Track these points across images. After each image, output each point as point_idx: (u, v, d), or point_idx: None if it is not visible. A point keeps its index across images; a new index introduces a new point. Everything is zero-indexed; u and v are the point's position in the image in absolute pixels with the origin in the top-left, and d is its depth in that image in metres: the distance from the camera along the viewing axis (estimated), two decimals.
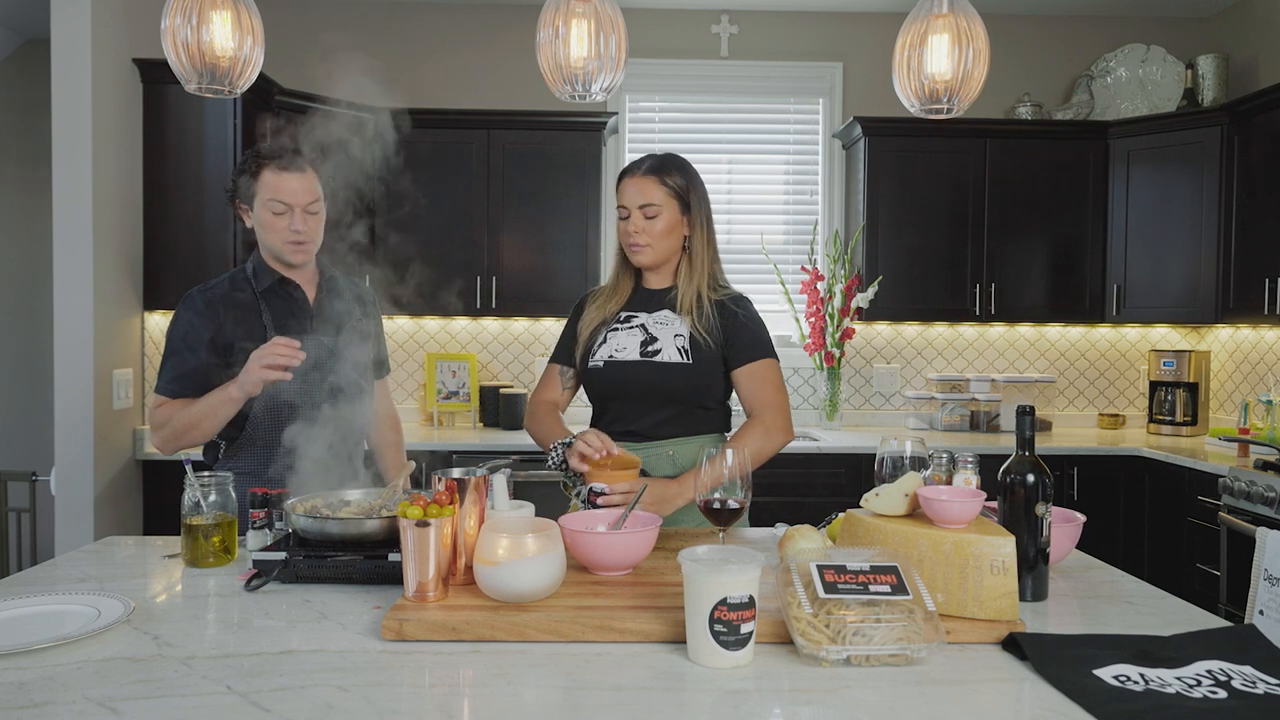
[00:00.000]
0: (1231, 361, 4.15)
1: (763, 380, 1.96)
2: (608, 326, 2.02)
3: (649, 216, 1.94)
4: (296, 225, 2.01)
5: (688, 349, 1.95)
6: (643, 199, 1.94)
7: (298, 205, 2.00)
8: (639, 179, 1.96)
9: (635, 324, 2.00)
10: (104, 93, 3.25)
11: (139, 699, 1.10)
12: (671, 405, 1.96)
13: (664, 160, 2.00)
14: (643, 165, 1.99)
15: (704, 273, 2.00)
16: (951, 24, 1.82)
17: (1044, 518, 1.49)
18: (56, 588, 1.55)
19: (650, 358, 1.95)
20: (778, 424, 1.94)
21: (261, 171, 2.00)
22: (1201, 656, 1.22)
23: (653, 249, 1.97)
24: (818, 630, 1.21)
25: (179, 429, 1.96)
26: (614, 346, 1.99)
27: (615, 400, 2.00)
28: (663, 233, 1.96)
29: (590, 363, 2.00)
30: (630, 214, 1.96)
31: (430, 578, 1.38)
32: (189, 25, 1.69)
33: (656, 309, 2.01)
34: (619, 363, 1.96)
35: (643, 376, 1.94)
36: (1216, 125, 3.79)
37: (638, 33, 3.78)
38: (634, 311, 2.03)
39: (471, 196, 3.91)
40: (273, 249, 2.04)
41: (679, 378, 1.94)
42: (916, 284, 4.03)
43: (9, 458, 4.30)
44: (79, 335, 3.21)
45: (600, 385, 2.00)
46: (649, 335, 1.97)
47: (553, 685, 1.15)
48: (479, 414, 4.13)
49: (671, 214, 1.96)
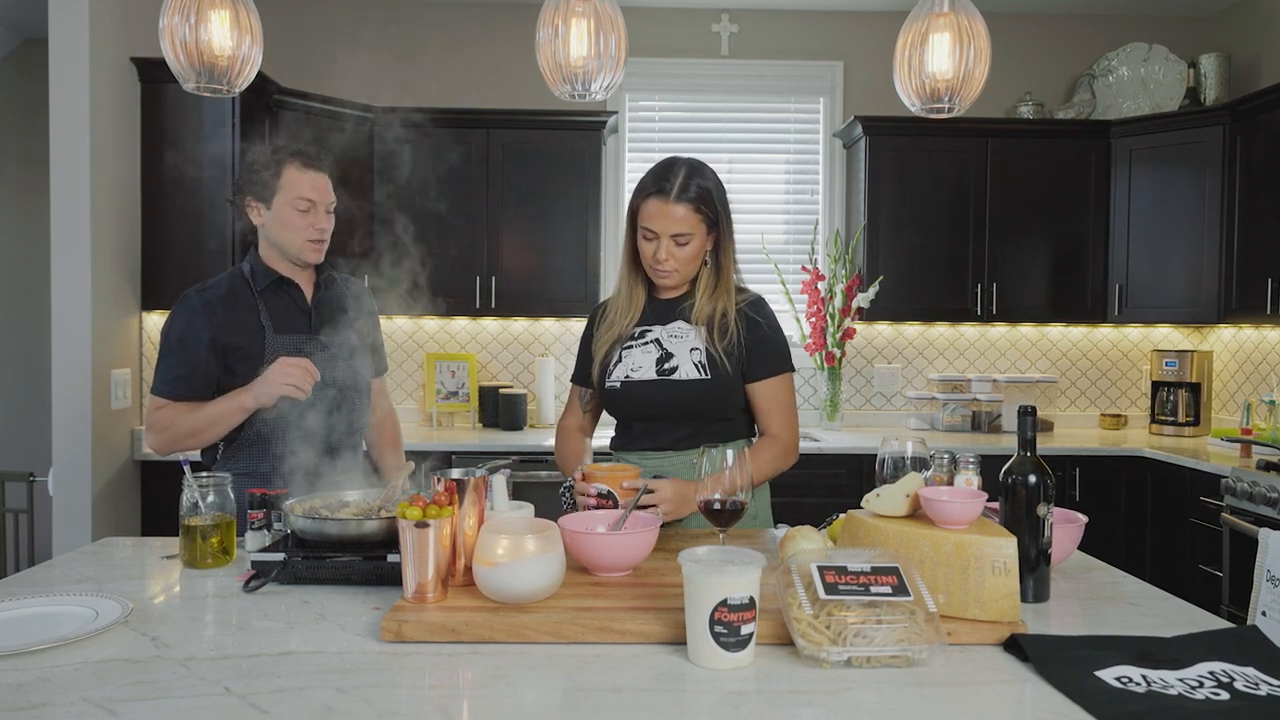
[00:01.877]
0: (1234, 362, 4.15)
1: (781, 397, 1.94)
2: (622, 344, 1.96)
3: (680, 244, 1.86)
4: (320, 223, 2.02)
5: (705, 364, 1.89)
6: (675, 228, 1.84)
7: (321, 203, 2.01)
8: (671, 206, 1.84)
9: (650, 339, 1.95)
10: (102, 92, 3.25)
11: (137, 700, 1.10)
12: (692, 421, 1.92)
13: (690, 177, 1.86)
14: (672, 189, 1.84)
15: (729, 289, 1.93)
16: (953, 23, 1.81)
17: (1045, 518, 1.48)
18: (54, 589, 1.55)
19: (667, 376, 1.90)
20: (793, 445, 1.94)
21: (284, 168, 1.99)
22: (1204, 658, 1.22)
23: (680, 274, 1.91)
24: (818, 631, 1.20)
25: (181, 434, 1.94)
26: (630, 366, 1.93)
27: (636, 420, 1.97)
28: (691, 257, 1.89)
29: (607, 383, 1.95)
30: (658, 239, 1.86)
31: (429, 579, 1.38)
32: (187, 24, 1.69)
33: (670, 320, 1.96)
34: (636, 383, 1.92)
35: (661, 395, 1.90)
36: (1218, 125, 3.78)
37: (638, 32, 3.77)
38: (648, 326, 1.97)
39: (471, 196, 3.90)
40: (289, 246, 2.03)
41: (697, 394, 1.89)
42: (917, 284, 4.03)
43: (7, 458, 4.30)
44: (77, 335, 3.21)
45: (619, 405, 1.96)
46: (664, 351, 1.92)
47: (552, 686, 1.15)
48: (478, 414, 4.12)
49: (700, 239, 1.89)
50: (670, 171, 1.88)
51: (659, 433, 1.94)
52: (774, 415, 1.93)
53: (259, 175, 2.00)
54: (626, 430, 2.00)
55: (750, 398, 1.94)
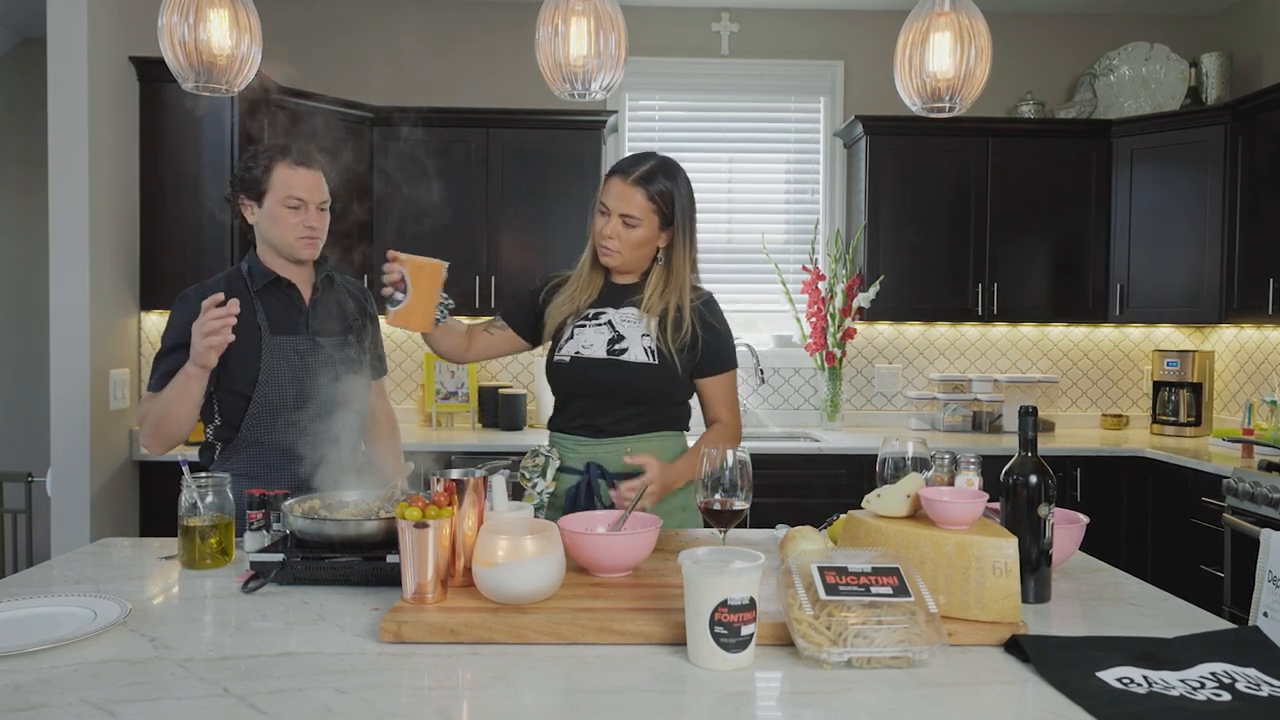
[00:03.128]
0: (1235, 362, 4.14)
1: (729, 391, 2.04)
2: (575, 321, 2.01)
3: (628, 225, 1.92)
4: (311, 221, 2.01)
5: (655, 349, 1.95)
6: (625, 207, 1.90)
7: (312, 201, 2.01)
8: (627, 186, 1.90)
9: (603, 320, 1.99)
10: (101, 91, 3.25)
11: (135, 701, 1.09)
12: (636, 404, 1.98)
13: (656, 170, 1.93)
14: (633, 172, 1.91)
15: (683, 287, 1.97)
16: (953, 22, 1.81)
17: (1046, 519, 1.48)
18: (52, 589, 1.55)
19: (617, 356, 1.95)
20: (740, 431, 2.06)
21: (275, 166, 1.99)
22: (1205, 659, 1.22)
23: (622, 255, 1.95)
24: (819, 632, 1.20)
25: (155, 420, 1.94)
26: (581, 343, 1.98)
27: (580, 397, 2.00)
28: (636, 243, 1.94)
29: (556, 357, 2.00)
30: (610, 215, 1.92)
31: (429, 579, 1.37)
32: (186, 23, 1.68)
33: (624, 305, 2.00)
34: (586, 360, 1.96)
35: (608, 375, 1.95)
36: (1220, 124, 3.77)
37: (638, 31, 3.76)
38: (602, 308, 2.01)
39: (470, 196, 3.90)
40: (282, 244, 2.03)
41: (645, 378, 1.95)
42: (918, 284, 4.02)
43: (5, 458, 4.29)
44: (75, 335, 3.20)
45: (566, 381, 2.00)
46: (616, 333, 1.97)
47: (552, 687, 1.15)
48: (478, 414, 4.12)
49: (650, 228, 1.93)
50: (642, 159, 1.95)
51: (600, 412, 1.98)
52: (723, 406, 2.03)
53: (250, 173, 2.00)
54: (567, 408, 2.03)
55: (702, 390, 2.03)
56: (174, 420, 1.93)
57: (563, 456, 2.00)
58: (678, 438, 2.05)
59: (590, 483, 1.94)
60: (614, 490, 1.79)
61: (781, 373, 4.32)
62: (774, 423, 4.30)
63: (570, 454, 2.00)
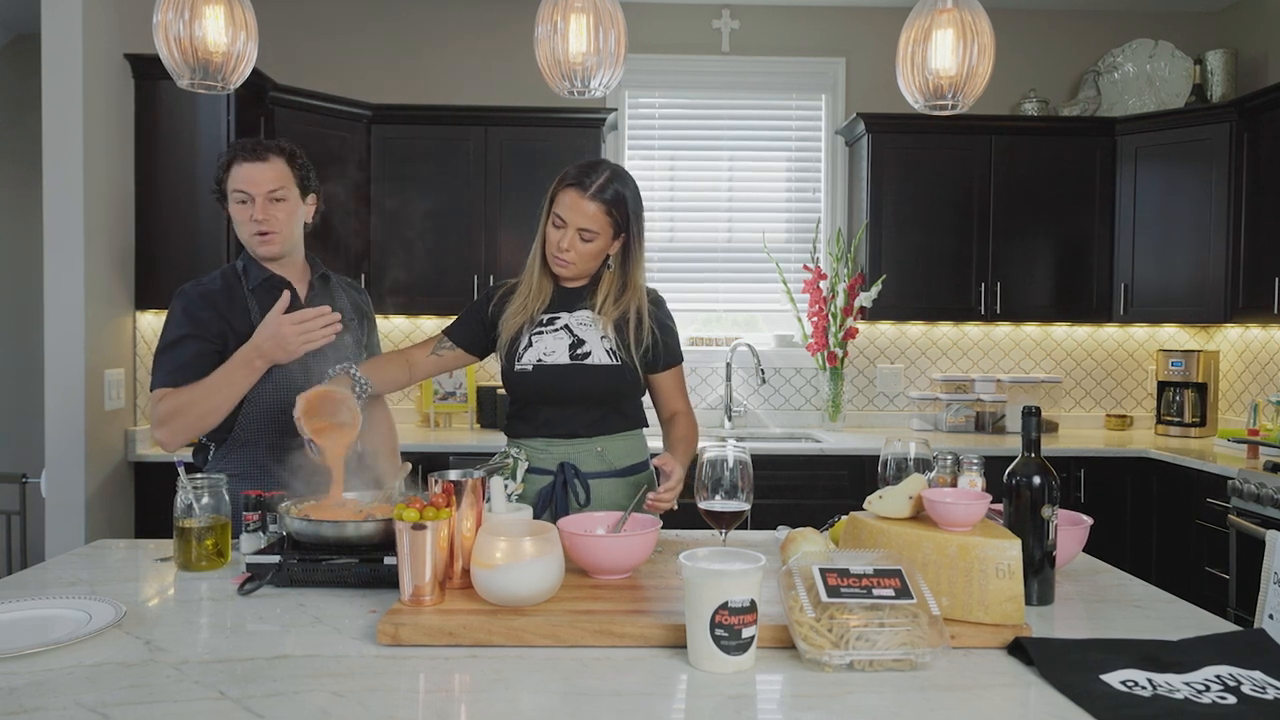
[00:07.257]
0: (1241, 361, 4.13)
1: (682, 382, 2.12)
2: (531, 329, 2.00)
3: (585, 239, 1.92)
4: (256, 214, 1.97)
5: (614, 350, 1.97)
6: (583, 221, 1.90)
7: (258, 194, 1.97)
8: (586, 202, 1.89)
9: (559, 325, 2.00)
10: (95, 88, 3.23)
11: (130, 704, 1.09)
12: (601, 406, 2.00)
13: (611, 181, 1.92)
14: (590, 185, 1.89)
15: (640, 292, 2.00)
16: (956, 19, 1.80)
17: (1050, 520, 1.47)
18: (47, 591, 1.54)
19: (581, 360, 1.96)
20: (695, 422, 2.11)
21: (231, 165, 1.99)
22: (1210, 661, 1.21)
23: (578, 267, 1.96)
24: (820, 635, 1.19)
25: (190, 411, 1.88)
26: (542, 350, 1.98)
27: (545, 403, 2.00)
28: (592, 255, 1.95)
29: (518, 366, 1.98)
30: (565, 228, 1.91)
31: (426, 581, 1.36)
32: (181, 20, 1.67)
33: (576, 308, 2.01)
34: (549, 367, 1.96)
35: (573, 380, 1.96)
36: (1225, 122, 3.75)
37: (637, 28, 3.75)
38: (555, 313, 2.02)
39: (469, 194, 3.88)
40: (244, 241, 2.03)
41: (609, 379, 1.97)
42: (921, 283, 4.01)
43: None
44: (70, 335, 3.18)
45: (530, 389, 1.99)
46: (576, 338, 1.98)
47: (551, 690, 1.14)
48: (476, 415, 4.10)
49: (605, 239, 1.95)
50: (594, 170, 1.94)
51: (567, 418, 1.99)
52: (679, 396, 2.11)
53: (217, 175, 2.01)
54: (530, 416, 2.02)
55: (657, 385, 2.08)
56: (213, 411, 1.90)
57: (530, 458, 2.00)
58: (640, 434, 2.09)
59: (566, 482, 1.95)
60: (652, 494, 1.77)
61: (783, 373, 4.31)
62: (775, 423, 4.29)
63: (541, 455, 2.00)
